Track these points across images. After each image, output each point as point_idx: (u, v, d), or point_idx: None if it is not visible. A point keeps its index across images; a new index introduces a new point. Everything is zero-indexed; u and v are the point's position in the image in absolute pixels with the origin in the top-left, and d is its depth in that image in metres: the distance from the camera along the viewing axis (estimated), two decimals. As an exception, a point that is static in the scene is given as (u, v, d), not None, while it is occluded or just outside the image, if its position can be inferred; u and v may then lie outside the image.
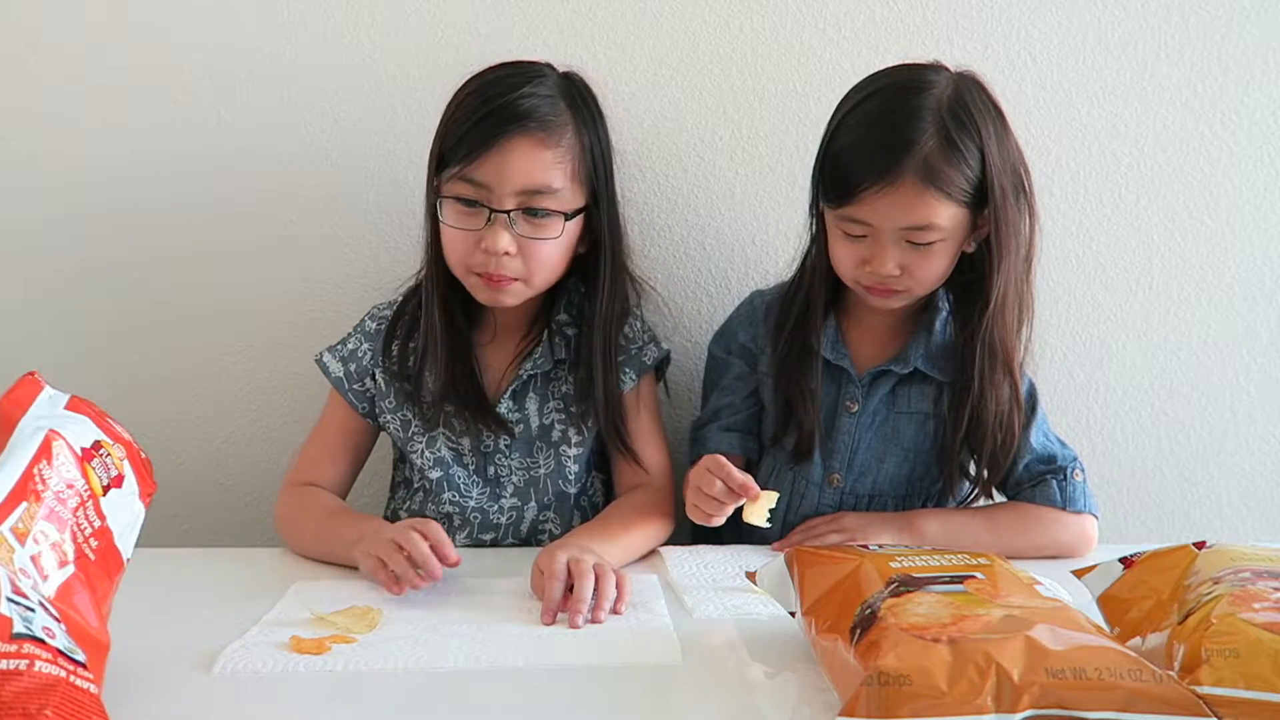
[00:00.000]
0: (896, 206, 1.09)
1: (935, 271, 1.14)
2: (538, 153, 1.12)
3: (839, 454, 1.24)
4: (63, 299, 1.46)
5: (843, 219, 1.13)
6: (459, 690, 0.81)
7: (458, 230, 1.15)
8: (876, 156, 1.08)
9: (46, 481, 0.72)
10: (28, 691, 0.59)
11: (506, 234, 1.13)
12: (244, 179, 1.44)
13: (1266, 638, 0.67)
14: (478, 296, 1.20)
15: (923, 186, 1.08)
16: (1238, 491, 1.51)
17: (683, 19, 1.42)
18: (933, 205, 1.09)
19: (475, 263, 1.15)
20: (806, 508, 1.26)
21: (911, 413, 1.23)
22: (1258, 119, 1.43)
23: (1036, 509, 1.20)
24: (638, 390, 1.27)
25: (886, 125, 1.10)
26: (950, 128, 1.08)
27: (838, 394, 1.25)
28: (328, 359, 1.27)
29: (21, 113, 1.42)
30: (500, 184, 1.12)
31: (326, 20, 1.41)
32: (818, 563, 0.85)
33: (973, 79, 1.14)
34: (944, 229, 1.10)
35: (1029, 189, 1.15)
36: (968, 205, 1.11)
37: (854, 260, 1.15)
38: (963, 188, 1.10)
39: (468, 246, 1.15)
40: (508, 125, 1.11)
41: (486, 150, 1.11)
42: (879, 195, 1.08)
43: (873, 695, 0.64)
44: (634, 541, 1.15)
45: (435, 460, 1.25)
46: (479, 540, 1.25)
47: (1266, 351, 1.48)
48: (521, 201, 1.13)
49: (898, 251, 1.12)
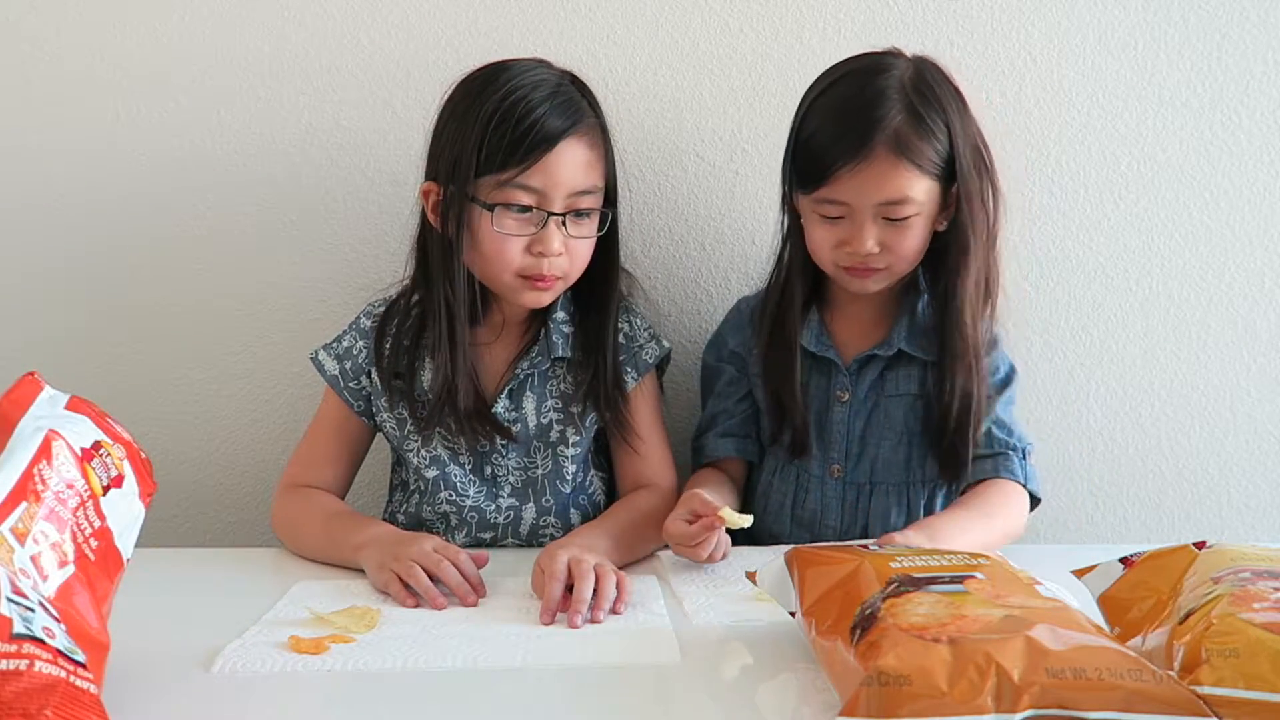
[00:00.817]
0: (871, 182, 1.11)
1: (912, 247, 1.16)
2: (585, 152, 1.15)
3: (836, 445, 1.25)
4: (63, 299, 1.46)
5: (819, 202, 1.15)
6: (457, 690, 0.81)
7: (510, 236, 1.14)
8: (848, 136, 1.11)
9: (46, 481, 0.72)
10: (28, 691, 0.59)
11: (560, 235, 1.14)
12: (244, 179, 1.44)
13: (1266, 638, 0.67)
14: (516, 298, 1.19)
15: (895, 160, 1.10)
16: (1238, 491, 1.51)
17: (683, 19, 1.42)
18: (906, 178, 1.11)
19: (523, 266, 1.15)
20: (812, 502, 1.26)
21: (900, 395, 1.24)
22: (1258, 119, 1.43)
23: (1004, 484, 1.19)
24: (640, 388, 1.27)
25: (854, 106, 1.13)
26: (916, 103, 1.12)
27: (828, 386, 1.26)
28: (323, 357, 1.27)
29: (21, 112, 1.42)
30: (555, 188, 1.13)
31: (326, 20, 1.41)
32: (818, 563, 0.85)
33: (930, 61, 1.17)
34: (919, 202, 1.13)
35: (990, 165, 1.18)
36: (939, 179, 1.14)
37: (833, 243, 1.17)
38: (934, 160, 1.12)
39: (517, 251, 1.15)
40: (560, 132, 1.12)
41: (542, 157, 1.11)
42: (853, 173, 1.11)
43: (873, 695, 0.64)
44: (636, 542, 1.15)
45: (431, 459, 1.24)
46: (478, 540, 1.25)
47: (1266, 351, 1.48)
48: (571, 203, 1.15)
49: (876, 229, 1.14)
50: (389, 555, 1.03)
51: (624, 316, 1.28)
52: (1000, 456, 1.20)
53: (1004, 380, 1.25)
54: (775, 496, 1.29)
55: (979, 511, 1.15)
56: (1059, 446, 1.49)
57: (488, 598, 1.01)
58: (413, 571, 1.00)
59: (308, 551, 1.16)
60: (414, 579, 0.99)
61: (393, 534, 1.10)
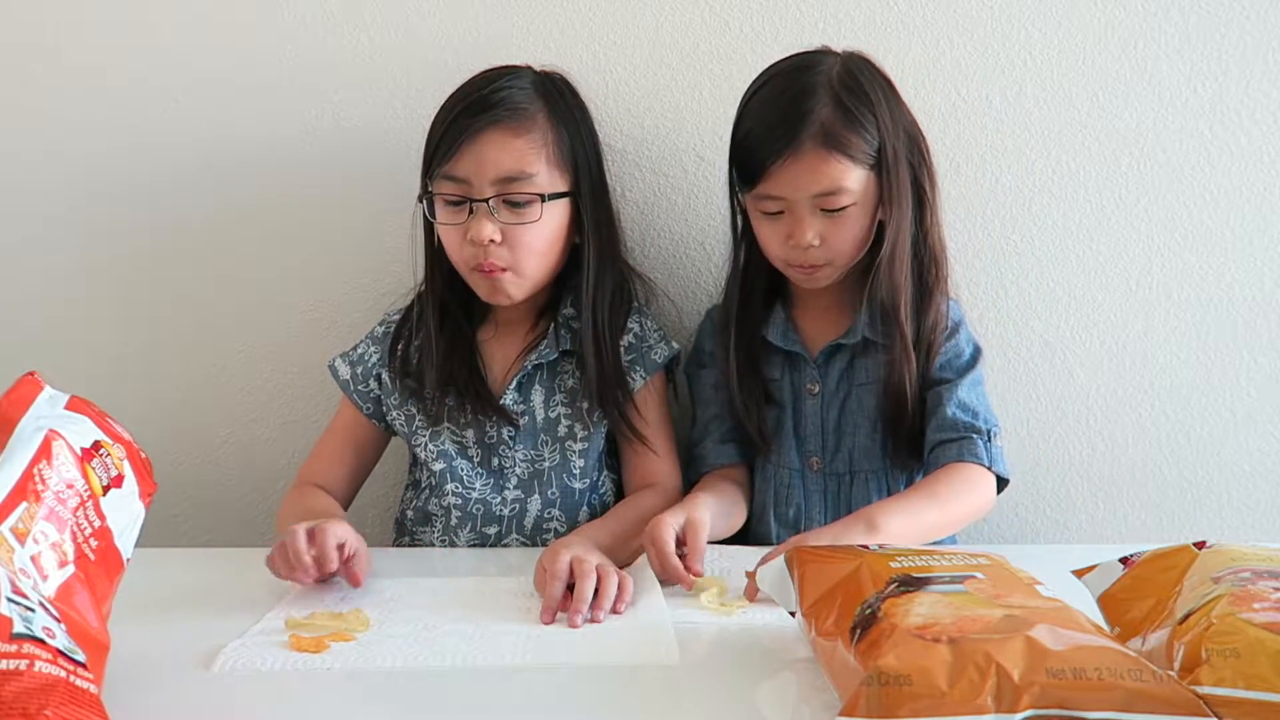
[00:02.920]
0: (802, 175, 1.14)
1: (852, 237, 1.18)
2: (510, 140, 1.17)
3: (811, 437, 1.27)
4: (63, 299, 1.46)
5: (758, 198, 1.18)
6: (457, 689, 0.81)
7: (449, 227, 1.19)
8: (778, 131, 1.14)
9: (46, 481, 0.72)
10: (28, 691, 0.59)
11: (489, 223, 1.17)
12: (244, 179, 1.44)
13: (1266, 638, 0.67)
14: (481, 295, 1.23)
15: (825, 152, 1.13)
16: (1238, 492, 1.50)
17: (683, 19, 1.42)
18: (837, 169, 1.13)
19: (467, 256, 1.19)
20: (796, 497, 1.27)
21: (869, 383, 1.25)
22: (1258, 119, 1.43)
23: (966, 468, 1.17)
24: (648, 389, 1.28)
25: (783, 102, 1.15)
26: (843, 96, 1.14)
27: (798, 379, 1.27)
28: (338, 363, 1.32)
29: (21, 112, 1.43)
30: (478, 175, 1.16)
31: (326, 20, 1.41)
32: (818, 562, 0.85)
33: (860, 56, 1.21)
34: (853, 192, 1.15)
35: (925, 151, 1.22)
36: (873, 169, 1.16)
37: (778, 238, 1.19)
38: (865, 150, 1.15)
39: (459, 241, 1.19)
40: (478, 117, 1.17)
41: (462, 144, 1.16)
42: (784, 166, 1.14)
43: (873, 695, 0.64)
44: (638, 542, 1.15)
45: (439, 453, 1.26)
46: (483, 534, 1.26)
47: (1266, 351, 1.48)
48: (500, 189, 1.17)
49: (815, 221, 1.16)
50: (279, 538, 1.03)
51: (634, 317, 1.30)
52: (964, 440, 1.19)
53: (968, 363, 1.24)
54: (758, 497, 1.29)
55: (928, 495, 1.14)
56: (1059, 446, 1.49)
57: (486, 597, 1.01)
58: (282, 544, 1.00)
59: None
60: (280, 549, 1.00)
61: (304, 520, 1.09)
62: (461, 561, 1.21)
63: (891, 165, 1.16)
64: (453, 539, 1.26)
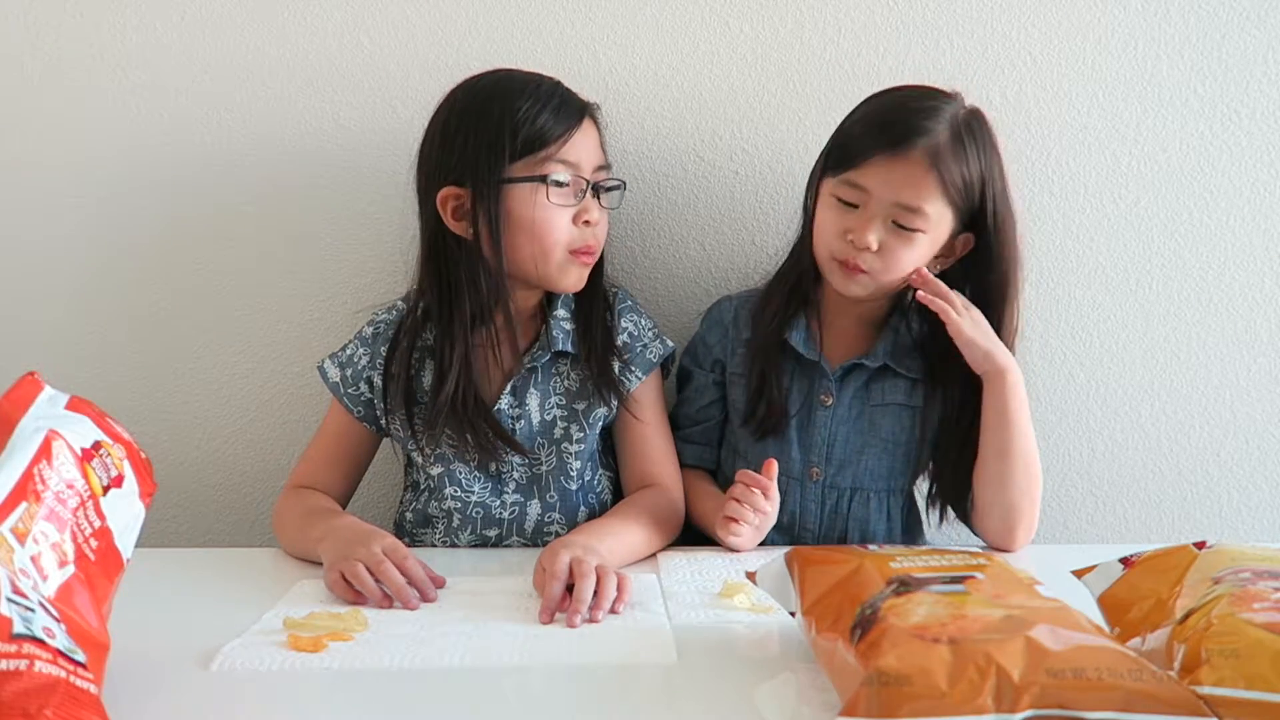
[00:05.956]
0: (898, 178, 1.14)
1: (908, 261, 1.18)
2: (597, 134, 1.23)
3: (817, 447, 1.27)
4: (63, 299, 1.46)
5: (842, 184, 1.18)
6: (456, 688, 0.81)
7: (560, 208, 1.18)
8: (892, 130, 1.15)
9: (46, 482, 0.72)
10: (28, 691, 0.59)
11: (597, 206, 1.21)
12: (244, 179, 1.44)
13: (1266, 638, 0.67)
14: (562, 278, 1.20)
15: (928, 167, 1.13)
16: (1238, 491, 1.51)
17: (683, 19, 1.42)
18: (931, 190, 1.14)
19: (574, 239, 1.19)
20: (791, 504, 1.27)
21: (887, 404, 1.26)
22: (1258, 119, 1.43)
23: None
24: (644, 387, 1.28)
25: (907, 112, 1.17)
26: (962, 132, 1.16)
27: (811, 388, 1.27)
28: (327, 365, 1.29)
29: (21, 113, 1.42)
30: (586, 161, 1.19)
31: (326, 20, 1.41)
32: (818, 563, 0.85)
33: (983, 114, 1.20)
34: (930, 220, 1.15)
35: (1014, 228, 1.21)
36: (956, 211, 1.16)
37: (837, 230, 1.18)
38: (959, 187, 1.15)
39: (566, 223, 1.18)
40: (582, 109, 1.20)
41: (573, 132, 1.17)
42: (883, 162, 1.14)
43: (873, 695, 0.64)
44: (638, 542, 1.16)
45: (437, 457, 1.25)
46: (483, 537, 1.26)
47: (1266, 351, 1.48)
48: (597, 177, 1.21)
49: (882, 229, 1.16)
50: (339, 555, 1.03)
51: (629, 316, 1.29)
52: None
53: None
54: None
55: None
56: (1059, 446, 1.49)
57: (485, 597, 1.01)
58: (357, 571, 1.00)
59: (288, 548, 1.18)
60: (358, 579, 0.99)
61: (351, 529, 1.09)
62: (461, 561, 1.21)
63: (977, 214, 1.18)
64: (454, 541, 1.26)
